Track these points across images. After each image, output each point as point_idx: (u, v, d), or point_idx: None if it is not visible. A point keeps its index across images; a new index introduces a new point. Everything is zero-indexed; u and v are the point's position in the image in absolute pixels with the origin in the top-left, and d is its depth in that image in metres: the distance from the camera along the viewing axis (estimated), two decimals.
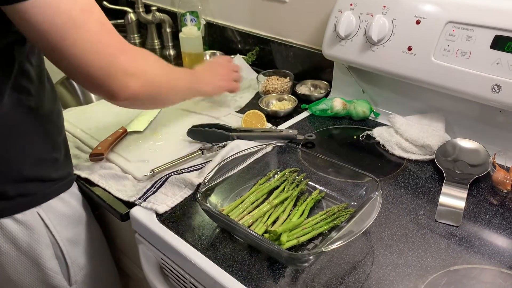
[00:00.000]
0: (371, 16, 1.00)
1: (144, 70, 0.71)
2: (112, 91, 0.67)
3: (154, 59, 0.77)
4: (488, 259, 0.69)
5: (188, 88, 0.92)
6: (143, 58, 0.72)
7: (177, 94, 0.88)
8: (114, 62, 0.65)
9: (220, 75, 1.05)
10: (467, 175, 0.86)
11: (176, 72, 0.86)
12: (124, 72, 0.67)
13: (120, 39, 0.68)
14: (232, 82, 1.08)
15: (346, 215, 0.75)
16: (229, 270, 0.68)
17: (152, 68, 0.74)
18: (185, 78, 0.91)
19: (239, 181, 0.85)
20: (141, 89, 0.70)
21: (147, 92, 0.72)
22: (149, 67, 0.73)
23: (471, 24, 0.87)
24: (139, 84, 0.69)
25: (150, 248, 0.82)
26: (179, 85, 0.87)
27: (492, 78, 0.85)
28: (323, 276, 0.66)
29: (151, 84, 0.73)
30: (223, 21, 1.51)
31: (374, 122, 1.10)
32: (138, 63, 0.70)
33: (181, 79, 0.89)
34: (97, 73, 0.64)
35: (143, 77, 0.70)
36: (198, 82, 0.95)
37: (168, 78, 0.81)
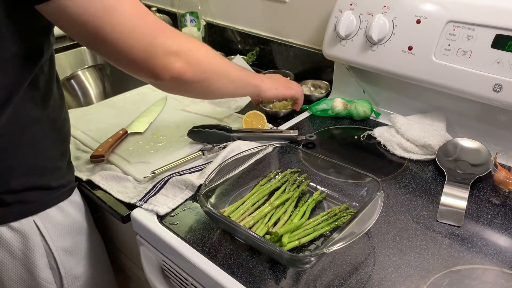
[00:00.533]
0: (371, 16, 0.99)
1: (188, 48, 0.69)
2: (156, 72, 0.66)
3: (201, 45, 0.75)
4: (490, 259, 0.68)
5: (242, 80, 0.87)
6: (185, 38, 0.71)
7: (228, 83, 0.82)
8: (154, 42, 0.65)
9: (282, 82, 1.02)
10: (468, 175, 0.85)
11: (227, 61, 0.83)
12: (166, 51, 0.66)
13: (156, 19, 0.67)
14: (296, 90, 1.04)
15: (348, 216, 0.74)
16: (230, 271, 0.68)
17: (197, 49, 0.72)
18: (239, 69, 0.86)
19: (240, 182, 0.85)
20: (186, 68, 0.68)
21: (193, 72, 0.70)
22: (194, 46, 0.71)
23: (472, 24, 0.87)
24: (183, 62, 0.67)
25: (151, 249, 0.82)
26: (231, 74, 0.83)
27: (493, 78, 0.85)
28: (324, 278, 0.66)
29: (197, 64, 0.71)
30: (223, 21, 1.51)
31: (375, 122, 1.09)
32: (181, 42, 0.68)
33: (234, 69, 0.84)
34: (139, 55, 0.64)
35: (187, 56, 0.69)
36: (255, 78, 0.92)
37: (218, 62, 0.78)
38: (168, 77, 0.67)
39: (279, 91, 0.98)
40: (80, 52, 1.76)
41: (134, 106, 1.21)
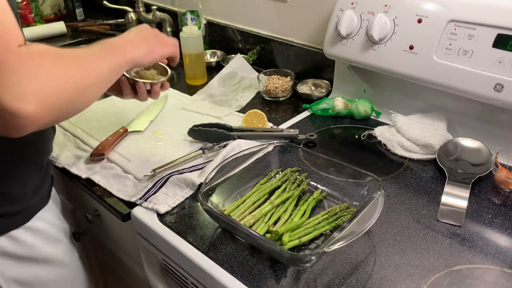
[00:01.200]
0: (373, 15, 0.99)
1: (35, 87, 0.53)
2: (8, 132, 0.54)
3: (50, 58, 0.58)
4: (490, 259, 0.68)
5: (113, 67, 0.70)
6: (30, 69, 0.53)
7: (100, 84, 0.68)
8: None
9: (152, 38, 0.81)
10: (469, 175, 0.85)
11: (89, 58, 0.66)
12: (15, 97, 0.51)
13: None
14: (172, 45, 0.85)
15: (348, 215, 0.74)
16: (231, 270, 0.68)
17: (49, 75, 0.56)
18: (105, 57, 0.69)
19: (240, 181, 0.85)
20: (40, 109, 0.53)
21: (52, 107, 0.56)
22: (43, 77, 0.54)
23: (473, 23, 0.87)
24: (33, 106, 0.52)
25: (152, 248, 0.82)
26: (99, 71, 0.66)
27: (494, 77, 0.84)
28: (325, 277, 0.66)
29: (54, 96, 0.56)
30: (224, 20, 1.50)
31: (376, 122, 1.09)
32: (24, 82, 0.52)
33: (100, 61, 0.68)
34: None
35: (36, 95, 0.53)
36: (118, 48, 0.73)
37: (82, 72, 0.62)
38: (22, 131, 0.54)
39: (155, 53, 0.80)
40: None
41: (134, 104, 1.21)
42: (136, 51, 0.76)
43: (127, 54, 0.74)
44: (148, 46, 0.79)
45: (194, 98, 1.25)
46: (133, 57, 0.75)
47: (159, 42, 0.82)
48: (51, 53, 0.58)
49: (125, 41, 0.76)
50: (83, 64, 0.63)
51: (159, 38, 0.83)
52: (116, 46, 0.73)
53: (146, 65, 0.81)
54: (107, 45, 0.72)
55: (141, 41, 0.78)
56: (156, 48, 0.80)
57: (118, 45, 0.74)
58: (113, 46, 0.73)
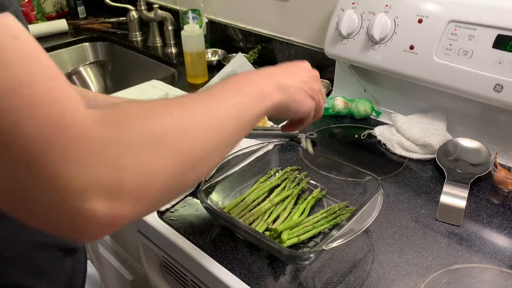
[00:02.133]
0: (373, 15, 1.00)
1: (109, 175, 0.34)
2: (77, 237, 0.36)
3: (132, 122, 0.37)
4: (488, 258, 0.69)
5: (245, 120, 0.47)
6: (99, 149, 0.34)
7: (219, 150, 0.44)
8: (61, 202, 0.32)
9: (305, 82, 0.59)
10: (468, 175, 0.85)
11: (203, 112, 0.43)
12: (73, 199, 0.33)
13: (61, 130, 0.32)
14: (320, 102, 0.63)
15: (347, 214, 0.75)
16: (230, 267, 0.68)
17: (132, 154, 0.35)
18: (231, 101, 0.47)
19: (240, 179, 0.85)
20: (119, 206, 0.34)
21: (139, 201, 0.36)
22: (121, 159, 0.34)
23: (474, 23, 0.87)
24: (106, 204, 0.34)
25: (151, 245, 0.82)
26: (218, 125, 0.44)
27: (494, 78, 0.85)
28: (323, 274, 0.67)
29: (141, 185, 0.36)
30: (225, 19, 1.51)
31: (376, 121, 1.10)
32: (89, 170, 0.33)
33: (222, 113, 0.45)
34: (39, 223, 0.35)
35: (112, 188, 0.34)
36: (268, 95, 0.51)
37: (189, 138, 0.40)
38: (97, 232, 0.35)
39: (306, 105, 0.58)
40: (82, 48, 1.77)
41: None
42: (278, 94, 0.52)
43: (266, 98, 0.50)
44: (297, 90, 0.56)
45: None
46: (271, 105, 0.51)
47: (315, 91, 0.60)
48: (135, 114, 0.38)
49: (260, 77, 0.52)
50: (191, 124, 0.41)
51: (317, 87, 0.61)
52: (246, 85, 0.49)
53: (283, 117, 0.59)
54: (231, 85, 0.49)
55: (284, 78, 0.55)
56: (305, 98, 0.57)
57: (249, 84, 0.50)
58: (241, 85, 0.49)
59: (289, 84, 0.54)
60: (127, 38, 1.71)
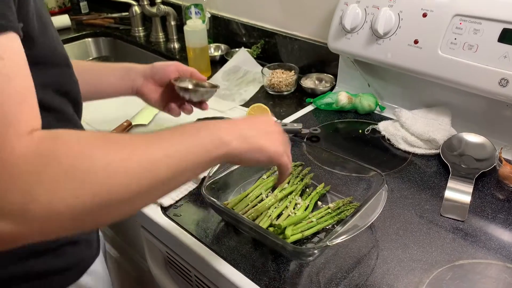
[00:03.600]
0: (377, 9, 0.99)
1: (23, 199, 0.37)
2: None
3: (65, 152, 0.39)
4: (493, 254, 0.68)
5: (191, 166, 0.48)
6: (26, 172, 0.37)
7: (149, 190, 0.44)
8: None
9: (271, 135, 0.59)
10: (473, 170, 0.85)
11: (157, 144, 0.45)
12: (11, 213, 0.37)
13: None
14: (288, 156, 0.62)
15: (351, 209, 0.74)
16: (234, 263, 0.68)
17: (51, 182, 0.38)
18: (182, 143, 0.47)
19: (244, 175, 0.85)
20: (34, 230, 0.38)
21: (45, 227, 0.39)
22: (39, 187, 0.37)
23: (479, 17, 0.86)
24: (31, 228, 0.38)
25: (155, 241, 0.83)
26: (155, 170, 0.44)
27: (499, 72, 0.84)
28: (327, 270, 0.66)
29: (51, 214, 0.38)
30: (228, 14, 1.50)
31: (380, 116, 1.09)
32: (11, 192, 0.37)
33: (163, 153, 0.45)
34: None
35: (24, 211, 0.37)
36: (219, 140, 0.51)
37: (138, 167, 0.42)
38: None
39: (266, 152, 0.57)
40: (85, 43, 1.76)
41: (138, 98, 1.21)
42: (237, 142, 0.53)
43: (221, 145, 0.51)
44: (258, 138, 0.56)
45: None
46: (227, 152, 0.51)
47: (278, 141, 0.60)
48: (69, 150, 0.40)
49: (220, 125, 0.53)
50: (123, 165, 0.41)
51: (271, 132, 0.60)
52: (203, 130, 0.50)
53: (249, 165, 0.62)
54: (187, 129, 0.49)
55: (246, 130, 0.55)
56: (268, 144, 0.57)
57: (205, 129, 0.50)
58: (197, 130, 0.50)
59: (250, 134, 0.55)
60: (129, 33, 1.71)
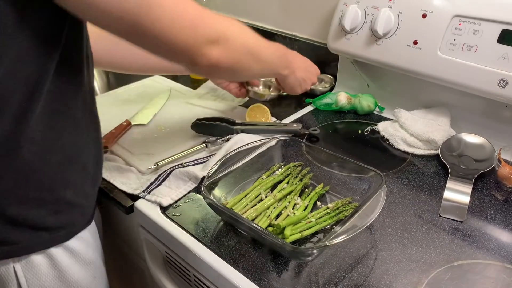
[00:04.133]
0: (377, 10, 0.99)
1: (226, 35, 0.66)
2: (195, 60, 0.64)
3: (238, 26, 0.70)
4: (492, 254, 0.68)
5: (272, 62, 0.84)
6: (224, 24, 0.67)
7: (259, 65, 0.78)
8: (194, 33, 0.62)
9: (310, 70, 0.98)
10: (472, 170, 0.85)
11: (261, 42, 0.77)
12: (206, 40, 0.63)
13: (195, 8, 0.63)
14: (311, 83, 0.99)
15: (350, 210, 0.74)
16: (233, 263, 0.68)
17: (235, 34, 0.69)
18: (272, 51, 0.82)
19: (243, 175, 0.85)
20: (223, 55, 0.65)
21: (227, 59, 0.67)
22: (232, 32, 0.68)
23: (478, 18, 0.86)
24: (220, 50, 0.65)
25: (154, 241, 0.83)
26: (263, 55, 0.79)
27: (498, 73, 0.84)
28: (326, 270, 0.67)
29: (233, 50, 0.68)
30: (228, 14, 1.50)
31: (379, 117, 1.09)
32: (219, 29, 0.65)
33: (268, 51, 0.80)
34: (179, 46, 0.61)
35: (225, 43, 0.66)
36: (287, 60, 0.88)
37: (252, 44, 0.74)
38: (205, 64, 0.65)
39: (296, 78, 0.94)
40: None
41: (138, 97, 1.22)
42: (291, 73, 0.91)
43: (284, 70, 0.88)
44: (299, 78, 0.94)
45: (198, 92, 1.25)
46: (285, 74, 0.90)
47: (310, 74, 0.98)
48: (237, 22, 0.70)
49: (292, 58, 0.91)
50: (257, 42, 0.76)
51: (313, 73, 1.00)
52: (283, 55, 0.87)
53: (286, 86, 0.95)
54: (282, 53, 0.87)
55: (299, 70, 0.94)
56: (306, 77, 0.96)
57: (284, 55, 0.88)
58: (282, 51, 0.87)
59: (298, 67, 0.93)
60: None
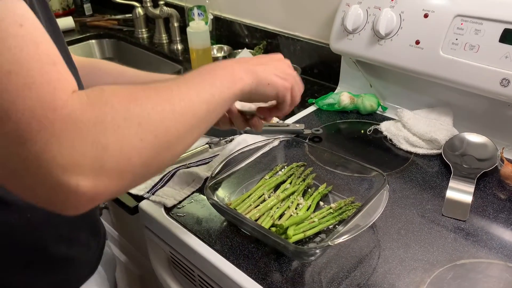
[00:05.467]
0: (379, 10, 0.99)
1: (94, 152, 0.37)
2: (60, 210, 0.39)
3: (116, 104, 0.40)
4: (495, 253, 0.69)
5: (215, 103, 0.51)
6: (86, 127, 0.37)
7: (192, 130, 0.48)
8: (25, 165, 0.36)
9: (276, 68, 0.62)
10: (474, 170, 0.85)
11: (177, 94, 0.46)
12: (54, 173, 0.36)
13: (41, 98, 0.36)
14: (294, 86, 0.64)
15: (353, 209, 0.75)
16: (236, 263, 0.68)
17: (115, 132, 0.39)
18: (201, 89, 0.50)
19: (246, 175, 0.85)
20: (102, 181, 0.38)
21: (119, 176, 0.40)
22: (105, 137, 0.38)
23: (480, 18, 0.86)
24: (91, 178, 0.37)
25: (159, 241, 0.83)
26: (192, 113, 0.47)
27: (500, 72, 0.84)
28: (329, 270, 0.67)
29: (122, 161, 0.39)
30: (231, 15, 1.51)
31: (382, 116, 1.09)
32: (78, 147, 0.37)
33: (193, 98, 0.48)
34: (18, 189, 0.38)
35: (95, 164, 0.38)
36: (233, 79, 0.54)
37: (165, 119, 0.44)
38: (79, 205, 0.39)
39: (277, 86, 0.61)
40: (88, 45, 1.77)
41: None
42: (248, 78, 0.56)
43: (236, 82, 0.54)
44: (267, 73, 0.59)
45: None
46: (242, 88, 0.54)
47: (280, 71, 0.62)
48: (117, 97, 0.41)
49: (232, 63, 0.56)
50: (166, 107, 0.44)
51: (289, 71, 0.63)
52: (218, 70, 0.54)
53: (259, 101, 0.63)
54: (204, 71, 0.53)
55: (255, 65, 0.58)
56: (276, 79, 0.60)
57: (221, 69, 0.54)
58: (214, 70, 0.53)
59: (259, 69, 0.58)
60: (133, 35, 1.72)
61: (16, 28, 0.36)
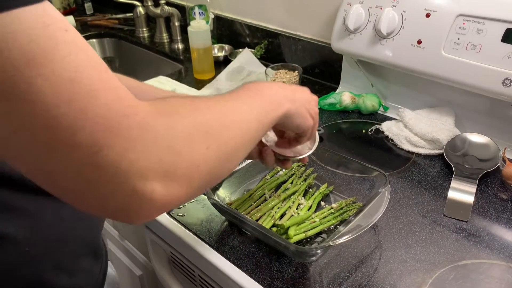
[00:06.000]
0: (381, 9, 0.99)
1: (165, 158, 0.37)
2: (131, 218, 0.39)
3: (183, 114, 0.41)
4: (496, 254, 0.68)
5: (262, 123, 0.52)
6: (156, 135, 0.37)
7: (246, 145, 0.48)
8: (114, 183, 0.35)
9: (309, 102, 0.62)
10: (476, 170, 0.85)
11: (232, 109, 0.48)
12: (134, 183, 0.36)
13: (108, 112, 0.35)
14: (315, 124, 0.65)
15: (354, 210, 0.75)
16: (237, 263, 0.68)
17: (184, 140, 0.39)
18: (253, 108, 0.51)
19: (247, 175, 0.85)
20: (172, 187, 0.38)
21: (188, 183, 0.40)
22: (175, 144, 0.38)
23: (482, 17, 0.86)
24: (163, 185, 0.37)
25: (159, 241, 0.83)
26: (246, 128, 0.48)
27: (503, 72, 0.84)
28: (330, 270, 0.67)
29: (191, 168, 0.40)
30: (232, 14, 1.50)
31: (383, 116, 1.09)
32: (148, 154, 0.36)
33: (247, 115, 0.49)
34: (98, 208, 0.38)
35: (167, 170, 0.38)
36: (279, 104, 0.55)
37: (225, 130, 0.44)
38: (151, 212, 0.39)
39: (307, 121, 0.61)
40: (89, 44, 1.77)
41: None
42: (289, 105, 0.56)
43: (281, 105, 0.55)
44: (302, 105, 0.60)
45: (202, 92, 1.25)
46: (285, 113, 0.55)
47: (311, 107, 0.62)
48: (182, 105, 0.42)
49: (275, 86, 0.57)
50: (226, 118, 0.45)
51: (316, 110, 0.64)
52: (265, 90, 0.55)
53: (285, 129, 0.63)
54: (253, 88, 0.54)
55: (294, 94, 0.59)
56: (307, 114, 0.61)
57: (267, 89, 0.55)
58: (261, 90, 0.54)
59: (297, 98, 0.59)
60: (134, 34, 1.72)
61: (63, 34, 0.34)
